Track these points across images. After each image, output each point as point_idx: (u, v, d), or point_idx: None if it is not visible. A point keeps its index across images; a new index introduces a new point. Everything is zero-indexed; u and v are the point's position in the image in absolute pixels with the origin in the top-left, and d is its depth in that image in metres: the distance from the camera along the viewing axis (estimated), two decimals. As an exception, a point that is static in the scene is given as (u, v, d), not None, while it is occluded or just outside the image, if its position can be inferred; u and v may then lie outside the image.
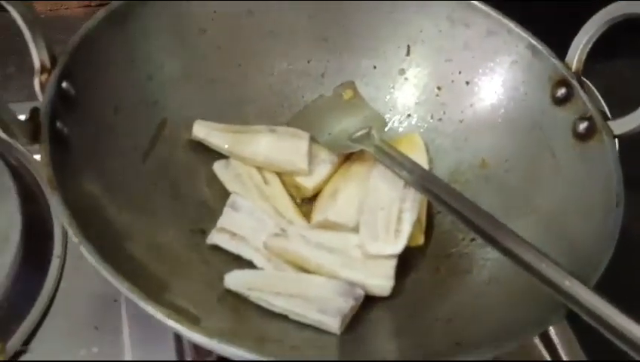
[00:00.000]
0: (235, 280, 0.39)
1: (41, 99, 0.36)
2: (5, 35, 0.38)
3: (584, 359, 0.44)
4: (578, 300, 0.31)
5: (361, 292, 0.39)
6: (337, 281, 0.39)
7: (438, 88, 0.49)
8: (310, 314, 0.37)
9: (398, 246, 0.41)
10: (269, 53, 0.50)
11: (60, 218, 0.32)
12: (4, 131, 0.32)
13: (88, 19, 0.41)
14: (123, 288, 0.30)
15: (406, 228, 0.41)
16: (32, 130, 0.34)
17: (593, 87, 0.52)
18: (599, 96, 0.53)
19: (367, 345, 0.38)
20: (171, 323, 0.29)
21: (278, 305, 0.38)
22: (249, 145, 0.46)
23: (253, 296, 0.38)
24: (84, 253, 0.31)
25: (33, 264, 0.43)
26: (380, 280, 0.40)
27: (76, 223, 0.31)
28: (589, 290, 0.31)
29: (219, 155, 0.47)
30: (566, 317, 0.33)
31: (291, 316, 0.38)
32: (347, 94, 0.50)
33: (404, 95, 0.50)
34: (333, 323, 0.37)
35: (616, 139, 0.41)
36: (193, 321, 0.30)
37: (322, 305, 0.38)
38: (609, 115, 0.43)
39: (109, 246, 0.33)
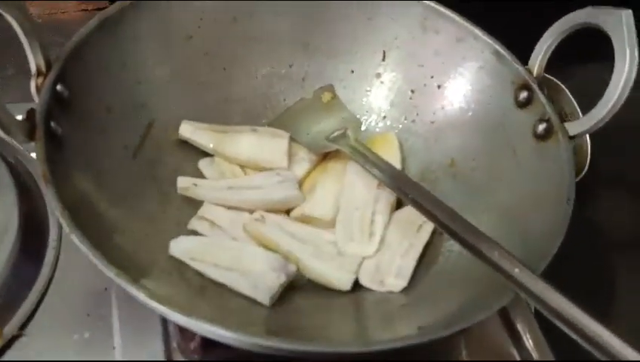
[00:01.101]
0: (179, 247, 0.42)
1: (37, 100, 0.39)
2: (3, 38, 0.41)
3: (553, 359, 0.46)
4: (525, 286, 0.34)
5: (293, 269, 0.42)
6: (273, 255, 0.42)
7: (412, 91, 0.52)
8: (243, 289, 0.41)
9: (371, 248, 0.44)
10: (253, 58, 0.52)
11: (54, 210, 0.35)
12: (3, 130, 0.34)
13: (85, 23, 0.44)
14: (111, 273, 0.33)
15: (379, 231, 0.44)
16: (29, 130, 0.37)
17: (565, 88, 0.55)
18: (571, 97, 0.56)
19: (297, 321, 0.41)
20: (154, 304, 0.32)
21: (215, 277, 0.41)
22: (232, 144, 0.49)
23: (195, 265, 0.41)
24: (75, 241, 0.34)
25: (29, 255, 0.46)
26: (343, 275, 0.43)
27: (68, 214, 0.34)
28: (535, 277, 0.34)
29: (204, 153, 0.49)
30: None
31: (228, 285, 0.41)
32: (326, 97, 0.53)
33: (379, 98, 0.53)
34: (263, 299, 0.40)
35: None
36: (172, 303, 0.33)
37: (255, 281, 0.41)
38: (579, 115, 0.46)
39: (99, 238, 0.36)
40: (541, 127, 0.44)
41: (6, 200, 0.47)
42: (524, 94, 0.46)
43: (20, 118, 0.38)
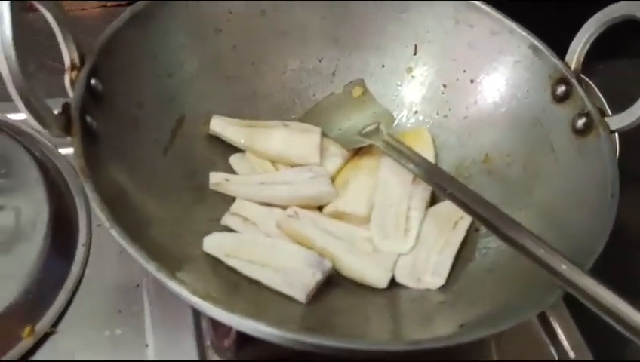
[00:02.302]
0: (213, 243, 0.42)
1: (71, 94, 0.39)
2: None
3: (591, 359, 0.45)
4: (574, 282, 0.34)
5: (328, 265, 0.41)
6: (308, 252, 0.42)
7: (444, 86, 0.51)
8: (279, 286, 0.40)
9: (407, 245, 0.43)
10: (282, 52, 0.52)
11: (92, 204, 0.34)
12: (41, 124, 0.34)
13: (105, 19, 0.43)
14: (152, 267, 0.32)
15: (414, 227, 0.44)
16: (65, 124, 0.36)
17: (594, 85, 0.55)
18: (599, 94, 0.55)
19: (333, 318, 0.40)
20: (195, 299, 0.32)
21: (250, 274, 0.40)
22: (263, 139, 0.48)
23: (230, 261, 0.41)
24: (115, 236, 0.33)
25: (60, 251, 0.45)
26: (380, 272, 0.42)
27: (108, 209, 0.33)
28: (584, 273, 0.34)
29: (235, 149, 0.49)
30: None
31: (263, 282, 0.40)
32: (357, 91, 0.52)
33: (411, 92, 0.52)
34: (299, 296, 0.40)
35: (616, 135, 0.44)
36: (211, 297, 0.33)
37: (291, 278, 0.40)
38: (607, 112, 0.45)
39: (135, 232, 0.35)
40: (580, 121, 0.44)
41: (35, 197, 0.47)
42: (561, 88, 0.45)
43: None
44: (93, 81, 0.39)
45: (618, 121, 0.42)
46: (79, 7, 0.75)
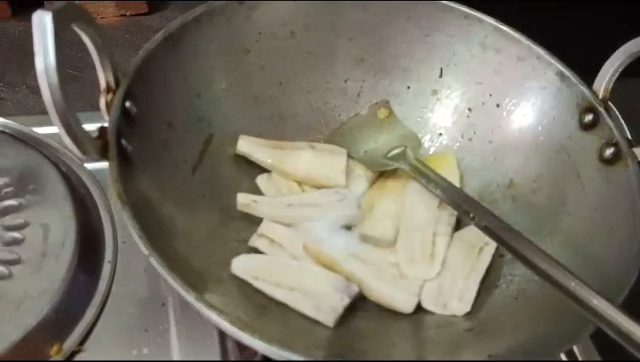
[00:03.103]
0: (241, 265, 0.42)
1: (106, 117, 0.39)
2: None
3: (598, 359, 0.45)
4: (606, 318, 0.34)
5: (356, 289, 0.42)
6: (335, 276, 0.42)
7: (469, 110, 0.52)
8: (306, 310, 0.40)
9: (433, 271, 0.44)
10: (309, 73, 0.52)
11: (130, 231, 0.34)
12: (80, 150, 0.34)
13: (124, 29, 0.43)
14: (190, 298, 0.32)
15: (440, 253, 0.44)
16: (101, 148, 0.36)
17: (616, 111, 0.55)
18: (621, 119, 0.55)
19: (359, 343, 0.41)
20: (233, 329, 0.32)
21: (279, 297, 0.41)
22: (290, 160, 0.48)
23: (258, 284, 0.41)
24: (154, 264, 0.33)
25: (87, 269, 0.46)
26: (406, 297, 0.43)
27: (145, 236, 0.34)
28: (616, 309, 0.34)
29: (260, 168, 0.49)
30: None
31: (290, 306, 0.41)
32: (382, 113, 0.52)
33: (436, 115, 0.53)
34: (327, 321, 0.40)
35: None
36: (243, 325, 0.33)
37: (318, 302, 0.41)
38: (633, 142, 0.45)
39: (168, 255, 0.36)
40: (608, 151, 0.44)
41: (63, 214, 0.47)
42: (589, 117, 0.45)
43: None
44: (127, 104, 0.40)
45: (646, 152, 0.43)
46: (99, 15, 0.76)
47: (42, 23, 0.32)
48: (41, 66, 0.32)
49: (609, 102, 0.50)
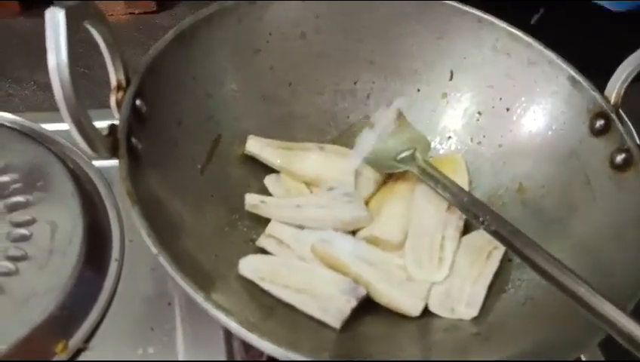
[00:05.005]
0: (248, 266, 0.42)
1: (117, 115, 0.39)
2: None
3: (602, 359, 0.45)
4: (616, 325, 0.33)
5: (363, 292, 0.42)
6: (343, 278, 0.42)
7: (479, 113, 0.51)
8: (313, 312, 0.40)
9: (441, 275, 0.43)
10: (318, 74, 0.52)
11: (139, 229, 0.34)
12: (90, 147, 0.34)
13: (132, 27, 0.43)
14: (199, 298, 0.32)
15: (448, 257, 0.44)
16: (112, 146, 0.36)
17: (624, 114, 0.54)
18: (629, 123, 0.55)
19: (366, 346, 0.41)
20: (242, 330, 0.32)
21: (286, 298, 0.41)
22: (299, 161, 0.48)
23: (265, 286, 0.41)
24: (162, 263, 0.33)
25: (94, 267, 0.45)
26: (414, 300, 0.42)
27: (154, 235, 0.34)
28: (626, 316, 0.33)
29: (269, 169, 0.49)
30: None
31: (297, 307, 0.40)
32: (392, 115, 0.52)
33: (445, 118, 0.52)
34: (334, 323, 0.40)
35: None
36: (250, 326, 0.33)
37: (325, 304, 0.40)
38: (637, 139, 0.45)
39: (176, 254, 0.36)
40: (619, 157, 0.43)
41: (71, 211, 0.47)
42: (600, 122, 0.45)
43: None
44: (138, 102, 0.40)
45: (659, 159, 0.42)
46: (108, 13, 0.75)
47: (55, 19, 0.32)
48: (53, 63, 0.32)
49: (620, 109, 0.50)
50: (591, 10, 0.62)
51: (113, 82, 0.39)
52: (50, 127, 0.54)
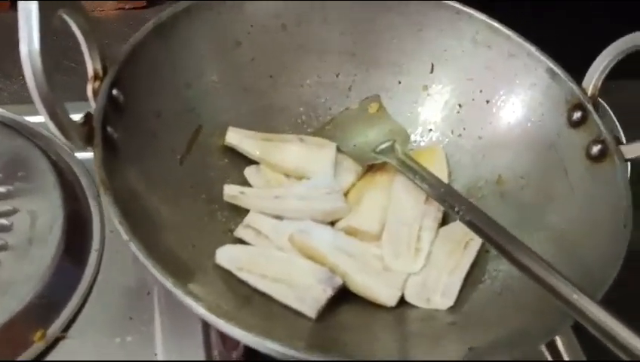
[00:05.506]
0: (225, 256, 0.42)
1: (93, 105, 0.39)
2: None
3: (584, 359, 0.46)
4: (585, 313, 0.34)
5: (339, 282, 0.42)
6: (319, 268, 0.42)
7: (459, 105, 0.52)
8: (289, 302, 0.40)
9: (418, 265, 0.44)
10: (300, 66, 0.52)
11: (112, 217, 0.34)
12: (65, 136, 0.34)
13: (122, 22, 0.43)
14: (168, 284, 0.33)
15: (425, 247, 0.44)
16: (87, 135, 0.37)
17: (608, 108, 0.55)
18: (613, 117, 0.55)
19: (341, 335, 0.41)
20: (211, 317, 0.32)
21: (262, 288, 0.41)
22: (279, 153, 0.48)
23: (241, 275, 0.41)
24: (134, 250, 0.33)
25: (74, 256, 0.46)
26: (390, 291, 0.43)
27: (126, 222, 0.34)
28: (595, 304, 0.34)
29: (249, 160, 0.49)
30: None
31: (274, 297, 0.41)
32: (372, 108, 0.52)
33: (426, 110, 0.53)
34: (310, 312, 0.40)
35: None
36: (223, 313, 0.33)
37: (302, 293, 0.41)
38: (622, 139, 0.45)
39: (150, 243, 0.36)
40: (595, 148, 0.44)
41: (52, 202, 0.47)
42: (577, 114, 0.45)
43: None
44: (114, 92, 0.40)
45: (633, 150, 0.43)
46: (98, 8, 0.76)
47: (27, 8, 0.32)
48: (25, 52, 0.32)
49: (599, 100, 0.50)
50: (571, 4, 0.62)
51: (90, 72, 0.39)
52: (33, 119, 0.54)
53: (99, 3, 0.75)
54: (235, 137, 0.48)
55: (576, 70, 0.48)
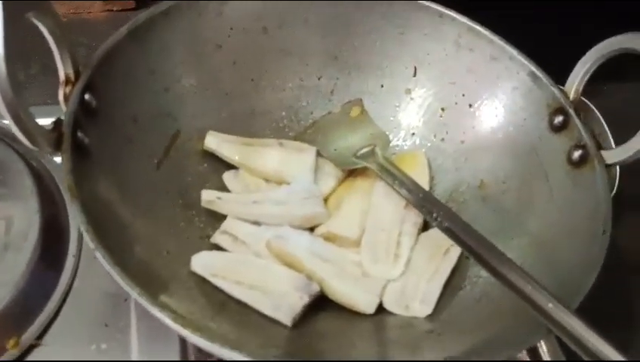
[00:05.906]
0: (200, 262, 0.41)
1: (64, 109, 0.39)
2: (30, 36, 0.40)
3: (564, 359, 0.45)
4: (560, 323, 0.33)
5: (316, 288, 0.41)
6: (296, 274, 0.42)
7: (442, 109, 0.51)
8: (265, 309, 0.40)
9: (397, 271, 0.43)
10: (282, 70, 0.52)
11: (78, 224, 0.34)
12: (30, 142, 0.34)
13: (110, 24, 0.43)
14: (134, 293, 0.32)
15: (404, 253, 0.43)
16: (55, 140, 0.36)
17: (597, 111, 0.54)
18: (600, 118, 0.54)
19: (318, 343, 0.40)
20: (176, 326, 0.31)
21: (237, 295, 0.40)
22: (258, 157, 0.48)
23: (216, 282, 0.41)
24: (99, 258, 0.33)
25: (49, 262, 0.45)
26: (368, 297, 0.42)
27: (93, 230, 0.33)
28: (570, 314, 0.33)
29: (229, 166, 0.49)
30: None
31: (249, 304, 0.40)
32: (354, 111, 0.52)
33: (409, 114, 0.52)
34: (285, 320, 0.39)
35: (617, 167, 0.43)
36: (196, 326, 0.32)
37: (277, 301, 0.40)
38: (612, 143, 0.45)
39: (121, 251, 0.35)
40: (576, 153, 0.43)
41: (28, 207, 0.46)
42: (559, 118, 0.45)
43: (45, 121, 0.37)
44: (87, 97, 0.39)
45: (614, 155, 0.42)
46: (85, 9, 0.75)
47: (-8, 12, 0.32)
48: (-11, 55, 0.32)
49: (588, 103, 0.50)
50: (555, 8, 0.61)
51: (62, 76, 0.39)
52: (13, 123, 0.54)
53: (87, 4, 0.74)
54: (214, 141, 0.48)
55: (559, 74, 0.47)
